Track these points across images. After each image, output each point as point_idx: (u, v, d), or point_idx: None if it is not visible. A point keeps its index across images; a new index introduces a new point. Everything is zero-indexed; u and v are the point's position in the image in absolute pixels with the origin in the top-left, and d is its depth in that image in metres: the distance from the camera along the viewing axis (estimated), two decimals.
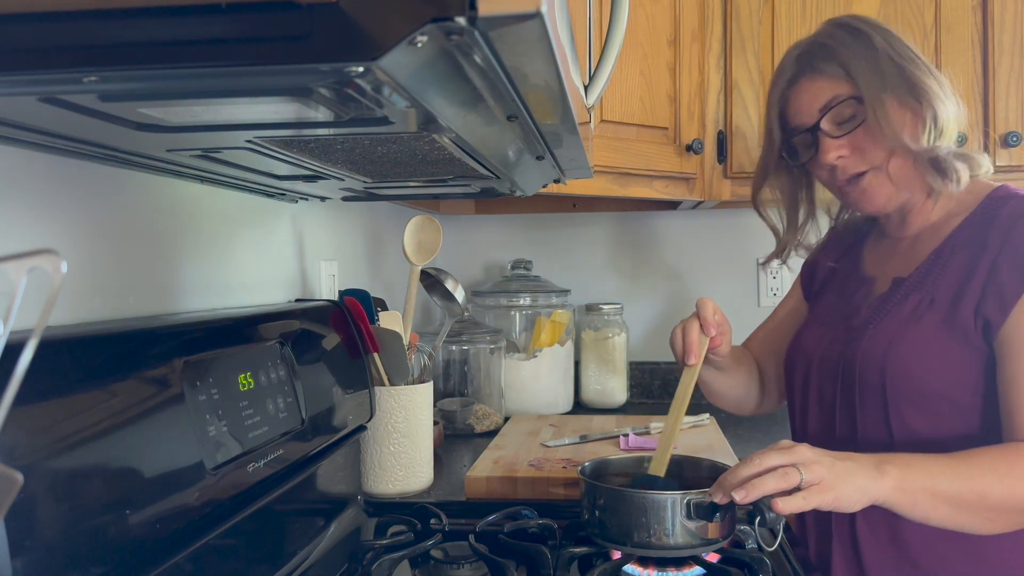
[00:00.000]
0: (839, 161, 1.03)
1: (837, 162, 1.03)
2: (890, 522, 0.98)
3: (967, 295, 0.96)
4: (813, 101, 1.04)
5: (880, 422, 1.00)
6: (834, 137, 1.03)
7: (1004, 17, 1.62)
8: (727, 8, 1.72)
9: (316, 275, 1.37)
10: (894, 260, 1.09)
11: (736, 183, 1.74)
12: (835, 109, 1.02)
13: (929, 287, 1.00)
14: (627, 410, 1.96)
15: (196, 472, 0.71)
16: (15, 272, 0.35)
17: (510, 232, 2.20)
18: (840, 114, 1.02)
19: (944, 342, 0.97)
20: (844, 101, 1.02)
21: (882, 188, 1.03)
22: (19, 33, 0.40)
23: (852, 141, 1.02)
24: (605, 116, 1.56)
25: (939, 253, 1.02)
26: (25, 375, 0.35)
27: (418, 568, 0.99)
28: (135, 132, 0.58)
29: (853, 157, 1.03)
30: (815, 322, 1.17)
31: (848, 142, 1.02)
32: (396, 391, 1.22)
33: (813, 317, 1.19)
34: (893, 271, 1.08)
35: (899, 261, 1.08)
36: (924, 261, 1.03)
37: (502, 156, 0.80)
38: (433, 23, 0.38)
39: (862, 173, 1.03)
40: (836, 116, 1.03)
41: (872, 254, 1.16)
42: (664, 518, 0.89)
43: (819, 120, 1.03)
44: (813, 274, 1.26)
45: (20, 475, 0.35)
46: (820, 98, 1.03)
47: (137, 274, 0.86)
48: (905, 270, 1.06)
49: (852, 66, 1.01)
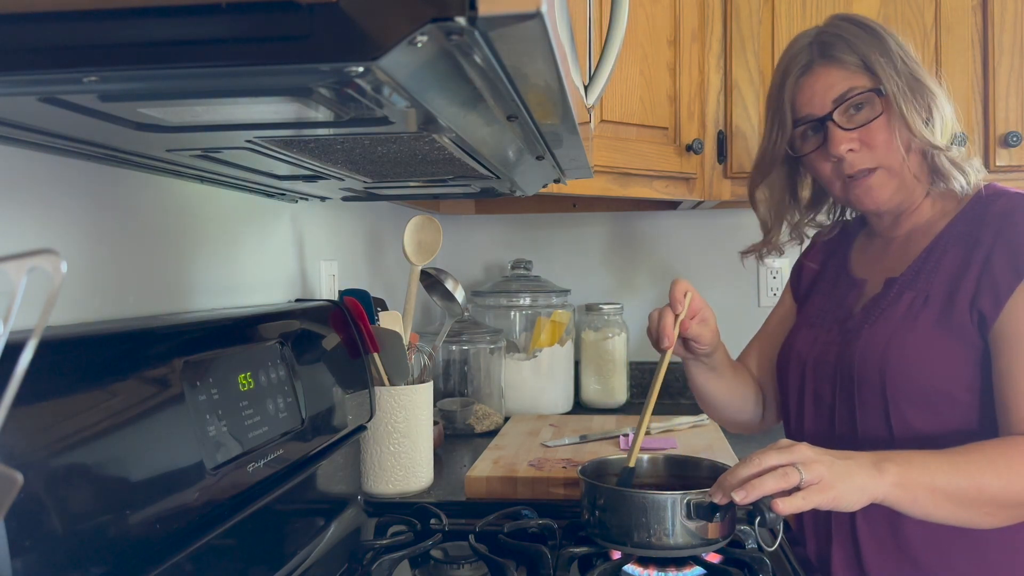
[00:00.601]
0: (848, 155, 1.02)
1: (847, 155, 1.02)
2: (890, 521, 0.98)
3: (961, 291, 0.96)
4: (827, 91, 1.02)
5: (880, 421, 1.00)
6: (846, 129, 1.01)
7: (1004, 17, 1.62)
8: (727, 8, 1.72)
9: (316, 275, 1.37)
10: (885, 260, 1.09)
11: (736, 183, 1.74)
12: (849, 101, 1.01)
13: (923, 285, 1.01)
14: (627, 410, 1.96)
15: (196, 472, 0.71)
16: (15, 272, 0.35)
17: (510, 232, 2.20)
18: (853, 107, 1.02)
19: (940, 339, 0.97)
20: (862, 94, 1.01)
21: (886, 187, 1.03)
22: (19, 33, 0.40)
23: (863, 136, 1.01)
24: (605, 116, 1.56)
25: (931, 251, 1.02)
26: (25, 375, 0.35)
27: (418, 568, 0.99)
28: (135, 132, 0.58)
29: (862, 152, 1.02)
30: (805, 325, 1.16)
31: (859, 136, 1.01)
32: (396, 391, 1.22)
33: (803, 320, 1.18)
34: (885, 272, 1.08)
35: (890, 261, 1.08)
36: (916, 259, 1.03)
37: (502, 156, 0.80)
38: (433, 23, 0.38)
39: (872, 170, 1.02)
40: (848, 108, 1.02)
41: (861, 255, 1.16)
42: (664, 518, 0.89)
43: (832, 111, 1.02)
44: (800, 277, 1.26)
45: (20, 475, 0.35)
46: (835, 88, 1.02)
47: (137, 274, 0.86)
48: (897, 270, 1.05)
49: (872, 60, 1.00)
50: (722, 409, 1.23)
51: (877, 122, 1.00)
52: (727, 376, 1.19)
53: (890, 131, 1.00)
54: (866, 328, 1.03)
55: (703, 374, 1.16)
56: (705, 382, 1.17)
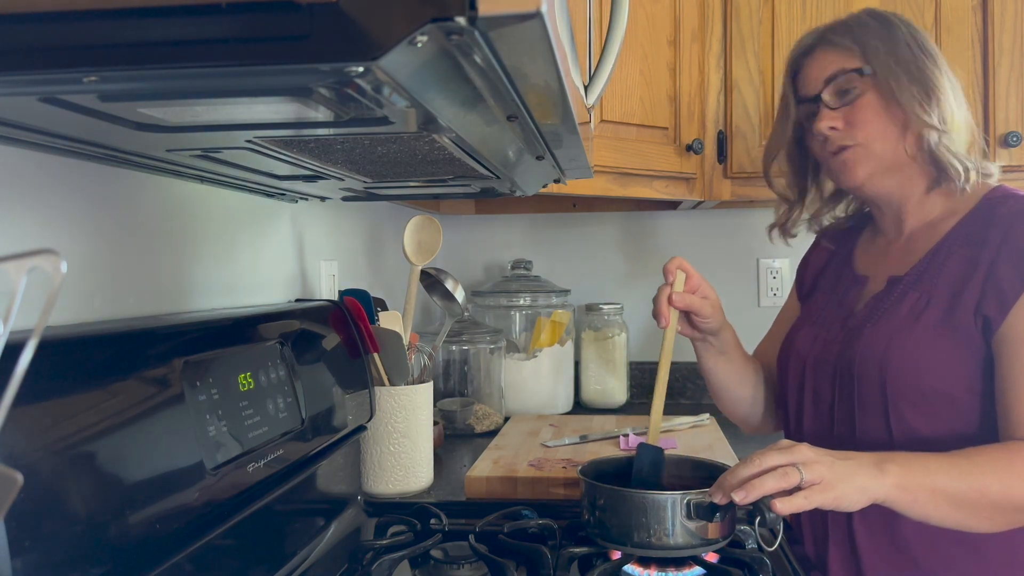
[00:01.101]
0: (830, 132, 1.04)
1: (829, 132, 1.05)
2: (888, 520, 0.98)
3: (966, 293, 0.96)
4: (820, 72, 1.06)
5: (879, 421, 1.00)
6: (832, 108, 1.04)
7: (1004, 17, 1.62)
8: (727, 8, 1.72)
9: (316, 275, 1.37)
10: (889, 259, 1.09)
11: (736, 183, 1.74)
12: (838, 80, 1.04)
13: (926, 286, 1.00)
14: (627, 410, 1.96)
15: (196, 472, 0.71)
16: (15, 272, 0.35)
17: (510, 232, 2.20)
18: (842, 86, 1.04)
19: (943, 341, 0.97)
20: (848, 73, 1.03)
21: (863, 164, 1.04)
22: (19, 33, 0.40)
23: (847, 114, 1.04)
24: (605, 116, 1.56)
25: (936, 252, 1.02)
26: (25, 375, 0.35)
27: (418, 568, 0.99)
28: (135, 132, 0.58)
29: (845, 130, 1.04)
30: (807, 322, 1.16)
31: (843, 114, 1.04)
32: (396, 391, 1.22)
33: (805, 317, 1.18)
34: (888, 270, 1.08)
35: (894, 260, 1.08)
36: (921, 260, 1.03)
37: (502, 156, 0.80)
38: (433, 23, 0.38)
39: (849, 146, 1.04)
40: (838, 88, 1.04)
41: (865, 253, 1.16)
42: (664, 518, 0.89)
43: (822, 91, 1.05)
44: (804, 275, 1.26)
45: (20, 475, 0.35)
46: (827, 69, 1.05)
47: (137, 274, 0.86)
48: (900, 269, 1.05)
49: (866, 44, 1.03)
50: (730, 397, 1.22)
51: (862, 101, 1.03)
52: (737, 361, 1.19)
53: (876, 111, 1.02)
54: (868, 327, 1.03)
55: (712, 357, 1.16)
56: (714, 365, 1.18)
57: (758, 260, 2.12)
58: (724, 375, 1.19)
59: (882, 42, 1.03)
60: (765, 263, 2.11)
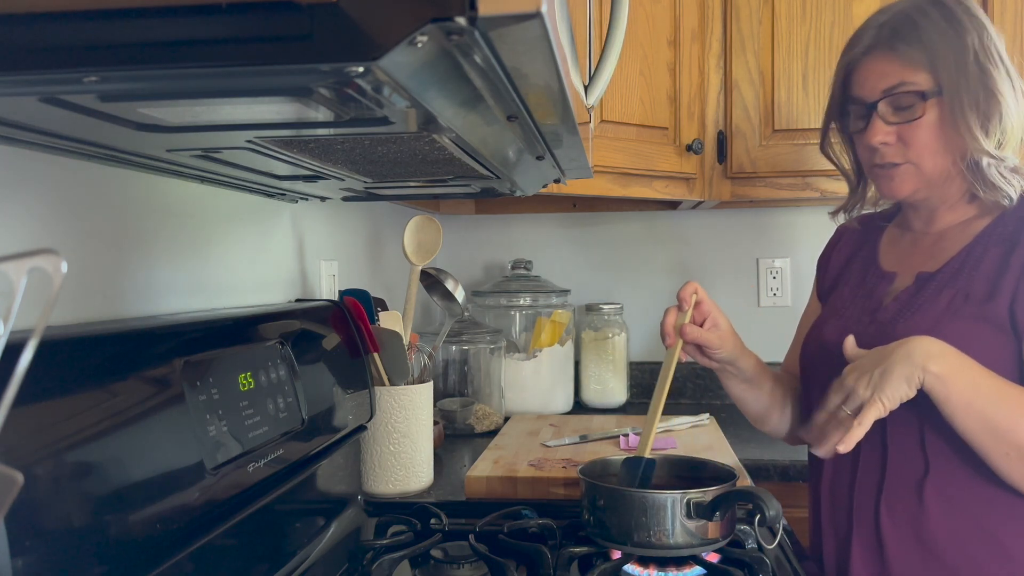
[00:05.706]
0: (882, 146, 1.02)
1: (880, 146, 1.02)
2: (914, 517, 0.97)
3: (1001, 292, 0.96)
4: (879, 80, 1.01)
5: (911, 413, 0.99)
6: (887, 122, 1.01)
7: (1004, 17, 1.62)
8: (727, 8, 1.72)
9: (316, 275, 1.37)
10: (916, 255, 1.09)
11: (736, 183, 1.74)
12: (897, 95, 1.00)
13: (963, 282, 1.00)
14: (627, 410, 1.96)
15: (196, 472, 0.71)
16: (15, 272, 0.35)
17: (510, 232, 2.20)
18: (900, 101, 1.00)
19: (981, 335, 0.96)
20: (910, 93, 0.99)
21: (910, 181, 1.03)
22: (19, 33, 0.40)
23: (901, 131, 1.01)
24: (605, 116, 1.56)
25: (971, 249, 1.02)
26: (25, 375, 0.35)
27: (418, 568, 0.99)
28: (135, 132, 0.58)
29: (897, 146, 1.02)
30: (833, 315, 1.14)
31: (896, 131, 1.01)
32: (396, 391, 1.22)
33: (830, 310, 1.16)
34: (916, 266, 1.07)
35: (922, 256, 1.07)
36: (955, 256, 1.02)
37: (502, 156, 0.80)
38: (433, 23, 0.38)
39: (899, 164, 1.02)
40: (896, 102, 1.01)
41: (891, 249, 1.14)
42: (664, 518, 0.90)
43: (879, 100, 1.01)
44: (825, 271, 1.25)
45: (20, 475, 0.35)
46: (888, 79, 1.01)
47: (137, 274, 0.86)
48: (930, 265, 1.05)
49: (936, 57, 0.98)
50: (764, 421, 1.22)
51: (920, 122, 1.00)
52: (765, 387, 1.18)
53: (934, 133, 1.00)
54: (901, 321, 1.02)
55: (737, 385, 1.16)
56: (741, 393, 1.17)
57: (758, 260, 2.12)
58: (755, 403, 1.19)
59: (953, 53, 0.98)
60: (765, 263, 2.11)
